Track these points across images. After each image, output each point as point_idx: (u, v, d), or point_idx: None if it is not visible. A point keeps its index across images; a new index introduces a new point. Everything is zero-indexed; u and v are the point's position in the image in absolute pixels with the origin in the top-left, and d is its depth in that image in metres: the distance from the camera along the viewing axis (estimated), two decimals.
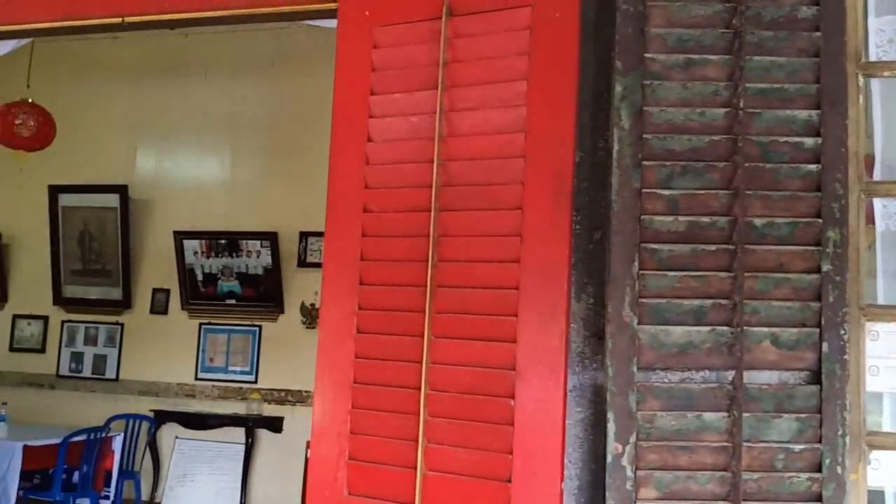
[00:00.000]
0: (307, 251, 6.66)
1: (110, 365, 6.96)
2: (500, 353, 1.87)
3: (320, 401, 2.09)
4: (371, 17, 2.13)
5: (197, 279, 6.79)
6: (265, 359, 6.72)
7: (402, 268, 2.02)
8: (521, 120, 1.91)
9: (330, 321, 2.11)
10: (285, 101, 6.70)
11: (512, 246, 1.88)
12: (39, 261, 7.12)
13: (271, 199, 6.69)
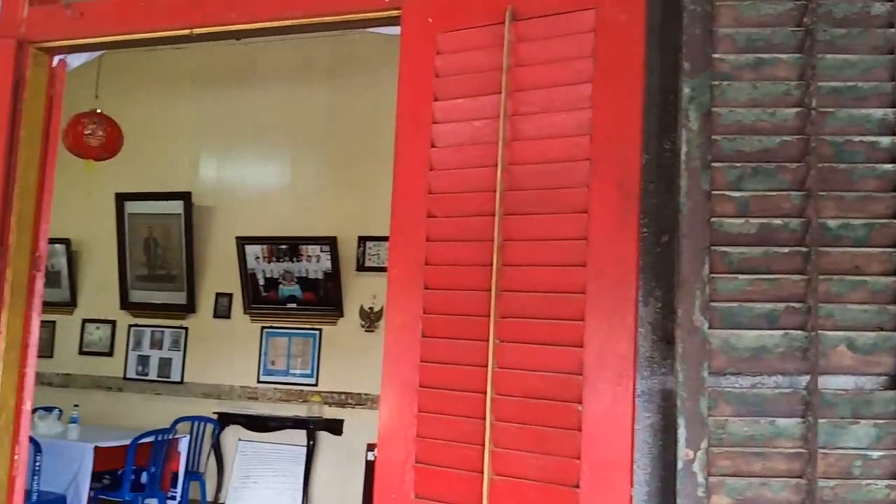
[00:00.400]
0: (365, 255, 6.72)
1: (175, 368, 7.12)
2: (566, 357, 1.86)
3: (386, 404, 2.10)
4: (434, 23, 2.14)
5: (259, 284, 6.90)
6: (325, 362, 6.79)
7: (467, 272, 2.03)
8: (586, 123, 1.91)
9: (395, 325, 2.12)
10: (343, 107, 6.78)
11: (578, 250, 1.87)
12: (107, 267, 7.32)
13: (330, 204, 6.77)
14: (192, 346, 7.13)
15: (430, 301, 2.07)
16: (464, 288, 2.02)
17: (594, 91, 1.90)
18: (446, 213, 2.08)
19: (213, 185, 7.16)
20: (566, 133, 1.93)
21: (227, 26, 2.44)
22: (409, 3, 2.20)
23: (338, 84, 6.80)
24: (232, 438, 6.73)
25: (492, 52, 2.05)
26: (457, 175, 2.08)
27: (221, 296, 7.08)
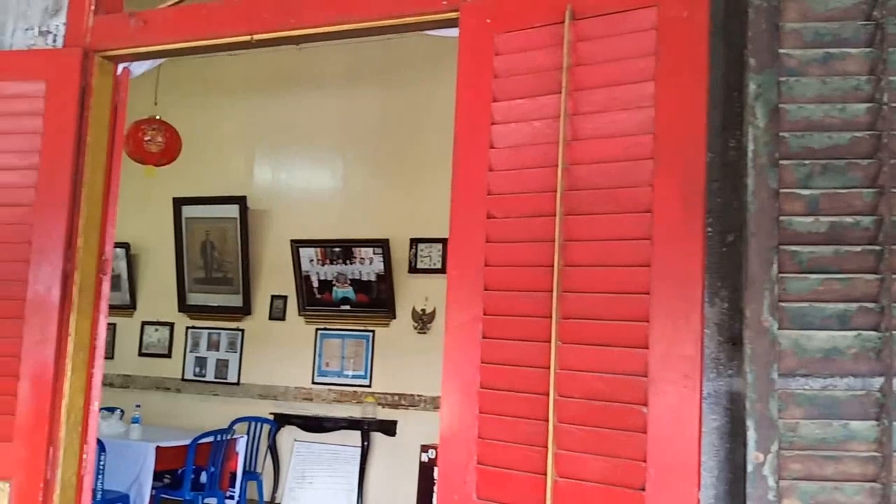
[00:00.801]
0: (417, 257, 6.74)
1: (232, 369, 7.23)
2: (630, 359, 1.84)
3: (447, 405, 2.10)
4: (492, 24, 2.14)
5: (313, 286, 6.97)
6: (378, 363, 6.83)
7: (527, 273, 2.02)
8: (648, 121, 1.88)
9: (455, 326, 2.12)
10: (394, 110, 6.82)
11: (642, 250, 1.85)
12: (165, 270, 7.47)
13: (382, 206, 6.81)
14: (248, 347, 7.23)
15: (491, 302, 2.07)
16: (524, 289, 2.02)
17: (657, 89, 1.88)
18: (506, 214, 2.08)
19: (267, 189, 7.26)
20: (628, 132, 1.91)
21: (287, 32, 2.47)
22: (467, 5, 2.20)
23: (389, 86, 6.84)
24: (288, 439, 6.81)
25: (551, 51, 2.04)
26: (516, 176, 2.07)
27: (276, 298, 7.17)
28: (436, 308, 6.60)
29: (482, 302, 2.07)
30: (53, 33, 2.83)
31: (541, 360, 1.95)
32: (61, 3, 2.82)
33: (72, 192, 2.66)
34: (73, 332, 2.67)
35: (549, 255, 1.97)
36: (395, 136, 6.80)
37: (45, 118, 2.68)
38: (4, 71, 2.73)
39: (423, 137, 6.64)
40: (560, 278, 1.94)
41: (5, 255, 2.66)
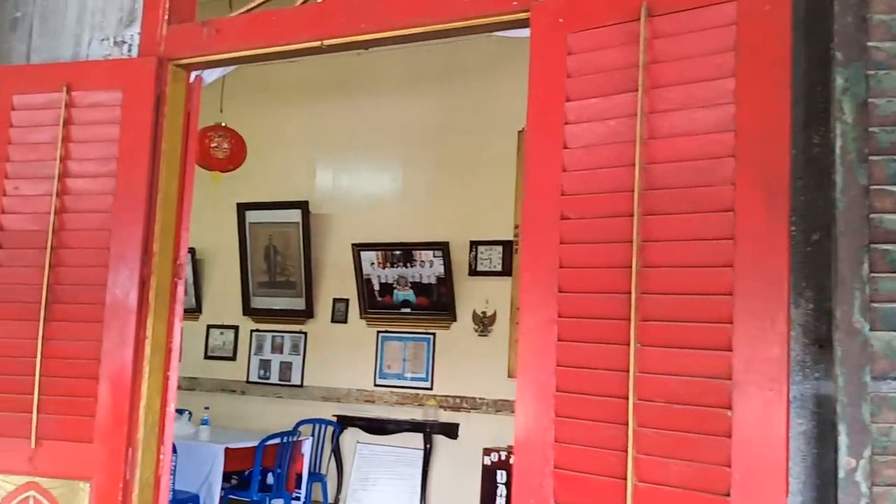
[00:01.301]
0: (477, 260, 6.73)
1: (295, 371, 7.31)
2: (713, 362, 1.80)
3: (522, 408, 2.08)
4: (565, 23, 2.12)
5: (374, 289, 7.01)
6: (439, 366, 6.83)
7: (604, 274, 2.00)
8: (729, 118, 1.84)
9: (529, 329, 2.10)
10: (453, 112, 6.82)
11: (724, 250, 1.81)
12: (230, 274, 7.60)
13: (442, 209, 6.82)
14: (310, 350, 7.31)
15: (566, 304, 2.05)
16: (601, 291, 1.99)
17: (738, 85, 1.84)
18: (580, 215, 2.05)
19: (329, 194, 7.33)
20: (708, 130, 1.87)
21: (357, 37, 2.49)
22: (539, 5, 2.18)
23: (448, 89, 6.85)
24: (351, 441, 6.86)
25: (626, 49, 2.01)
26: (591, 176, 2.05)
27: (338, 301, 7.24)
28: (496, 311, 6.58)
29: (557, 304, 2.05)
30: (128, 43, 2.90)
31: (619, 362, 1.92)
32: (136, 14, 2.89)
33: (148, 199, 2.72)
34: (149, 336, 2.72)
35: (626, 256, 1.94)
36: (454, 138, 6.80)
37: (122, 126, 2.75)
38: (83, 81, 2.80)
39: (481, 140, 6.63)
40: (638, 279, 1.91)
41: (85, 260, 2.73)
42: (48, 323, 2.72)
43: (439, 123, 6.88)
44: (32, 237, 2.77)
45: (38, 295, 2.72)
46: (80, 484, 2.69)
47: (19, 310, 2.76)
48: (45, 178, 2.78)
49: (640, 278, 1.91)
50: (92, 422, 2.68)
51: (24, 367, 2.71)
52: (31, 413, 2.69)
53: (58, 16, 3.05)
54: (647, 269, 1.92)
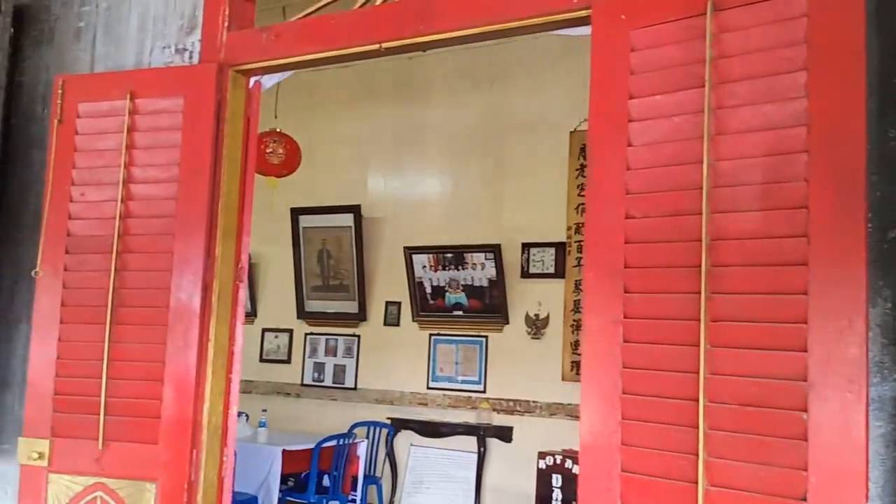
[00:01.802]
0: (529, 262, 6.69)
1: (349, 374, 7.36)
2: (788, 363, 1.75)
3: (587, 411, 2.06)
4: (627, 20, 2.09)
5: (426, 292, 7.02)
6: (492, 369, 6.81)
7: (671, 274, 1.96)
8: (801, 113, 1.79)
9: (593, 330, 2.07)
10: (502, 114, 6.81)
11: (798, 248, 1.76)
12: (284, 278, 7.68)
13: (493, 211, 6.80)
14: (364, 352, 7.35)
15: (631, 305, 2.01)
16: (668, 291, 1.96)
17: (809, 79, 1.79)
18: (646, 214, 2.02)
19: (380, 197, 7.36)
20: (779, 125, 1.82)
21: (415, 39, 2.48)
22: (600, 2, 2.15)
23: (498, 90, 6.83)
24: (405, 443, 6.88)
25: (691, 45, 1.97)
26: (656, 174, 2.01)
27: (391, 304, 7.26)
28: (549, 313, 6.54)
29: (622, 305, 2.02)
30: (189, 50, 2.94)
31: (688, 364, 1.88)
32: (196, 22, 2.93)
33: (210, 203, 2.75)
34: (212, 338, 2.76)
35: (694, 256, 1.90)
36: (504, 140, 6.79)
37: (184, 132, 2.79)
38: (145, 88, 2.85)
39: (532, 141, 6.60)
40: (708, 279, 1.87)
41: (150, 264, 2.77)
42: (114, 326, 2.77)
43: (489, 124, 6.87)
44: (98, 242, 2.83)
45: (105, 299, 2.78)
46: (146, 484, 2.74)
47: (86, 313, 2.81)
48: (110, 184, 2.83)
49: (709, 278, 1.87)
50: (157, 423, 2.72)
51: (91, 369, 2.77)
52: (98, 415, 2.74)
53: (121, 25, 3.11)
54: (716, 269, 1.87)
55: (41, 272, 2.89)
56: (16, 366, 3.15)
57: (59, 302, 2.85)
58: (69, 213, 2.89)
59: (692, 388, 1.87)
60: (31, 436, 2.83)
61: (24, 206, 3.20)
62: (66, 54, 3.22)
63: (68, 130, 2.91)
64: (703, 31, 1.95)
